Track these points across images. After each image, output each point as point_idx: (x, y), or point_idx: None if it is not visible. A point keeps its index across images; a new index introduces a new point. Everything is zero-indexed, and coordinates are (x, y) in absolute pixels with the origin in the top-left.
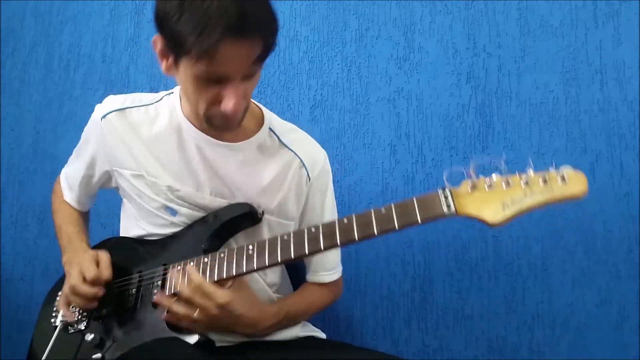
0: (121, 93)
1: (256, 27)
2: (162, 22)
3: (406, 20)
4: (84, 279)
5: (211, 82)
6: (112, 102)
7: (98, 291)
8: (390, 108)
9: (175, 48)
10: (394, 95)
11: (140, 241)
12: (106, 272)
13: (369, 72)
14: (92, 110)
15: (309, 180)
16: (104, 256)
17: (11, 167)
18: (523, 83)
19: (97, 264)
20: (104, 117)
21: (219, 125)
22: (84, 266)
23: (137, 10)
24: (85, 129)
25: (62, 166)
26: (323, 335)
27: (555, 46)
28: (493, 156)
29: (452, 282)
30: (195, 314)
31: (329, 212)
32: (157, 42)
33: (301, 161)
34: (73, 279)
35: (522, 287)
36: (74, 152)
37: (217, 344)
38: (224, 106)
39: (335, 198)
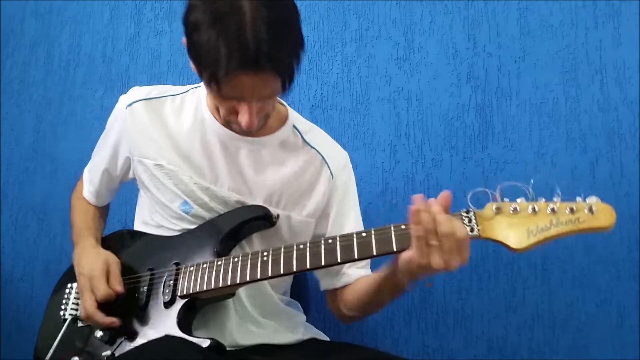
0: (121, 93)
1: (271, 65)
2: (186, 31)
3: (406, 20)
4: (96, 300)
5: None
6: (137, 92)
7: (115, 321)
8: (390, 108)
9: (193, 61)
10: (394, 95)
11: (152, 236)
12: (117, 286)
13: (369, 72)
14: (92, 110)
15: (332, 177)
16: (114, 267)
17: (11, 167)
18: (523, 83)
19: (107, 274)
20: (129, 105)
21: (237, 131)
22: (94, 283)
23: (137, 10)
24: (109, 119)
25: (62, 166)
26: (326, 338)
27: (555, 46)
28: (521, 182)
29: (452, 282)
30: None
31: (352, 211)
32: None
33: (323, 159)
34: (87, 304)
35: (522, 287)
36: (97, 146)
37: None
38: (239, 119)
39: None
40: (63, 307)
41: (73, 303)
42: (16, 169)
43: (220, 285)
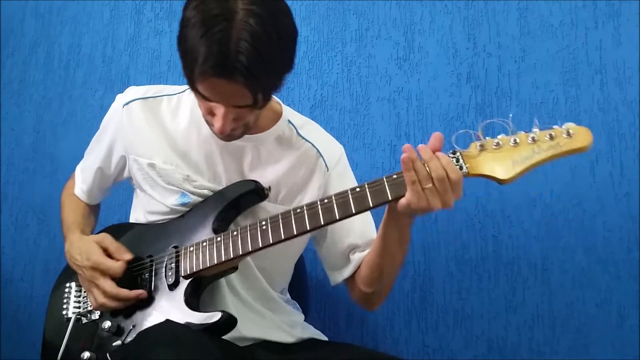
0: (121, 93)
1: (245, 79)
2: (179, 23)
3: (406, 20)
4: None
5: None
6: (134, 91)
7: (142, 293)
8: (390, 108)
9: (179, 53)
10: (394, 95)
11: (145, 225)
12: (124, 255)
13: (369, 72)
14: (92, 110)
15: (327, 170)
16: (108, 241)
17: (11, 167)
18: (523, 83)
19: (106, 251)
20: (126, 104)
21: (215, 133)
22: (101, 266)
23: (137, 10)
24: (105, 117)
25: (62, 166)
26: (325, 338)
27: (555, 46)
28: (500, 118)
29: (452, 282)
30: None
31: None
32: None
33: (318, 151)
34: (106, 287)
35: (522, 287)
36: (90, 145)
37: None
38: (214, 122)
39: None
40: (64, 306)
41: (74, 301)
42: (16, 169)
43: (223, 259)
